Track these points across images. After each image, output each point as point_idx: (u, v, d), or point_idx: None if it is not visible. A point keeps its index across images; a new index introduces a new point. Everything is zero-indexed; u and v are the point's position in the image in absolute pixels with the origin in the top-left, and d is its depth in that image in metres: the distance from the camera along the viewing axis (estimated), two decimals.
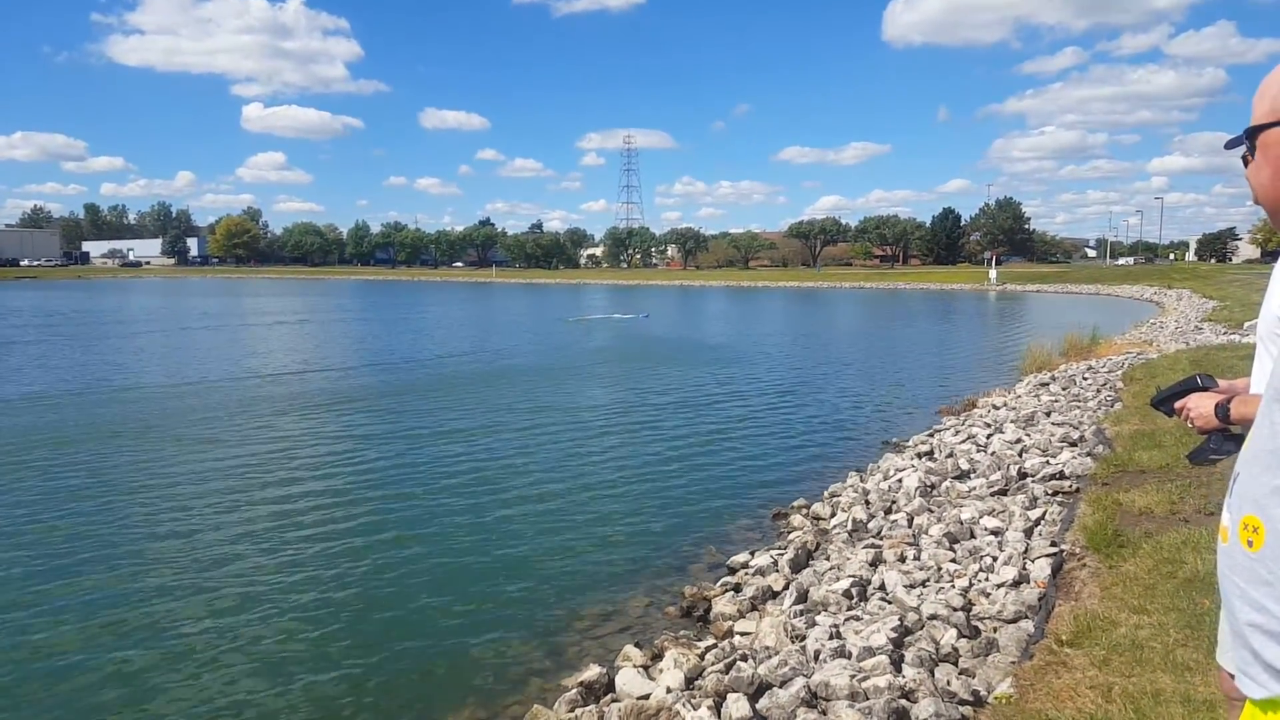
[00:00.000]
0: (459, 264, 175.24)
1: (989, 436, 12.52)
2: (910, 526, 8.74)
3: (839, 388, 21.71)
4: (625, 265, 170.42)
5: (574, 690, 5.99)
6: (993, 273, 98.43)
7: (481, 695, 6.41)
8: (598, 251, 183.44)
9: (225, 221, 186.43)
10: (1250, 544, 1.45)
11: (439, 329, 42.40)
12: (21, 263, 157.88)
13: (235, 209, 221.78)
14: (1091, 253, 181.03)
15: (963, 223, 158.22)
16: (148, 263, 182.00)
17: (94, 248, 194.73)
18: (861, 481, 11.23)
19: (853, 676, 5.25)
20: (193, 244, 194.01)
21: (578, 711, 5.69)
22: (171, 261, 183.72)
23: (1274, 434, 1.44)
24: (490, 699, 6.36)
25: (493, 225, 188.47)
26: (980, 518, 8.40)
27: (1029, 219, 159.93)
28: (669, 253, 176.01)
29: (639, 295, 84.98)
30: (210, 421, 16.36)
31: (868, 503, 10.01)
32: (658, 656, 6.51)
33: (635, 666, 6.24)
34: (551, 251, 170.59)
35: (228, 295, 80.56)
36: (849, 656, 5.67)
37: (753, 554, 8.73)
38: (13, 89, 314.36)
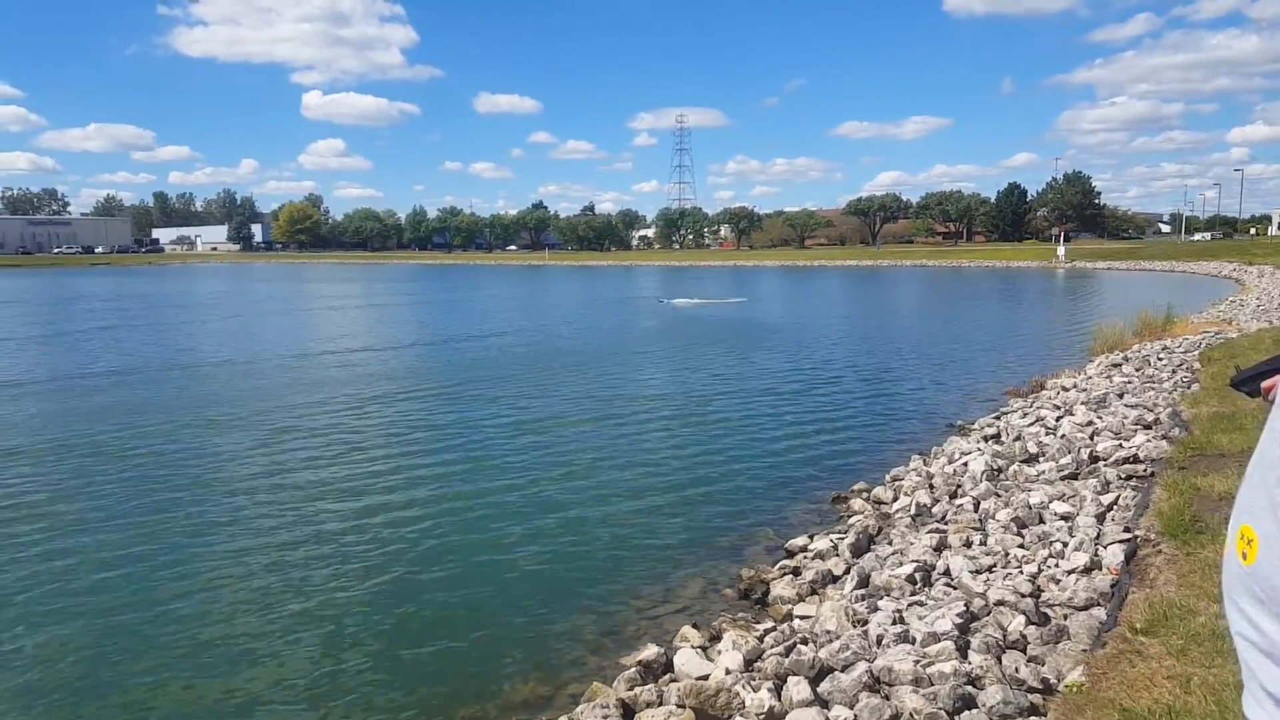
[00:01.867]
0: (512, 247, 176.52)
1: (1058, 419, 12.18)
2: (976, 511, 8.54)
3: (900, 369, 21.36)
4: (677, 246, 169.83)
5: (633, 669, 5.99)
6: (1061, 250, 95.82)
7: (542, 671, 6.46)
8: (650, 233, 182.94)
9: (288, 208, 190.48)
10: (1244, 556, 1.34)
11: (502, 311, 42.79)
12: (96, 250, 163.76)
13: (297, 195, 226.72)
14: (1165, 228, 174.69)
15: (1029, 198, 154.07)
16: (214, 248, 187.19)
17: (164, 234, 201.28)
18: (925, 465, 11.01)
19: (917, 662, 5.14)
20: (257, 230, 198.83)
21: (636, 690, 5.68)
22: (237, 247, 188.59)
23: (1274, 441, 1.32)
24: (550, 675, 6.41)
25: (545, 208, 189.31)
26: (1050, 502, 8.17)
27: (1099, 193, 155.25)
28: (722, 233, 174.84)
29: (691, 276, 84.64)
30: (286, 399, 16.75)
31: (931, 487, 9.81)
32: (716, 638, 6.48)
33: (693, 647, 6.22)
34: (603, 233, 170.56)
35: (294, 280, 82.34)
36: (913, 642, 5.55)
37: (812, 538, 8.64)
38: (85, 82, 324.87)
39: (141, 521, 9.65)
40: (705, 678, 5.67)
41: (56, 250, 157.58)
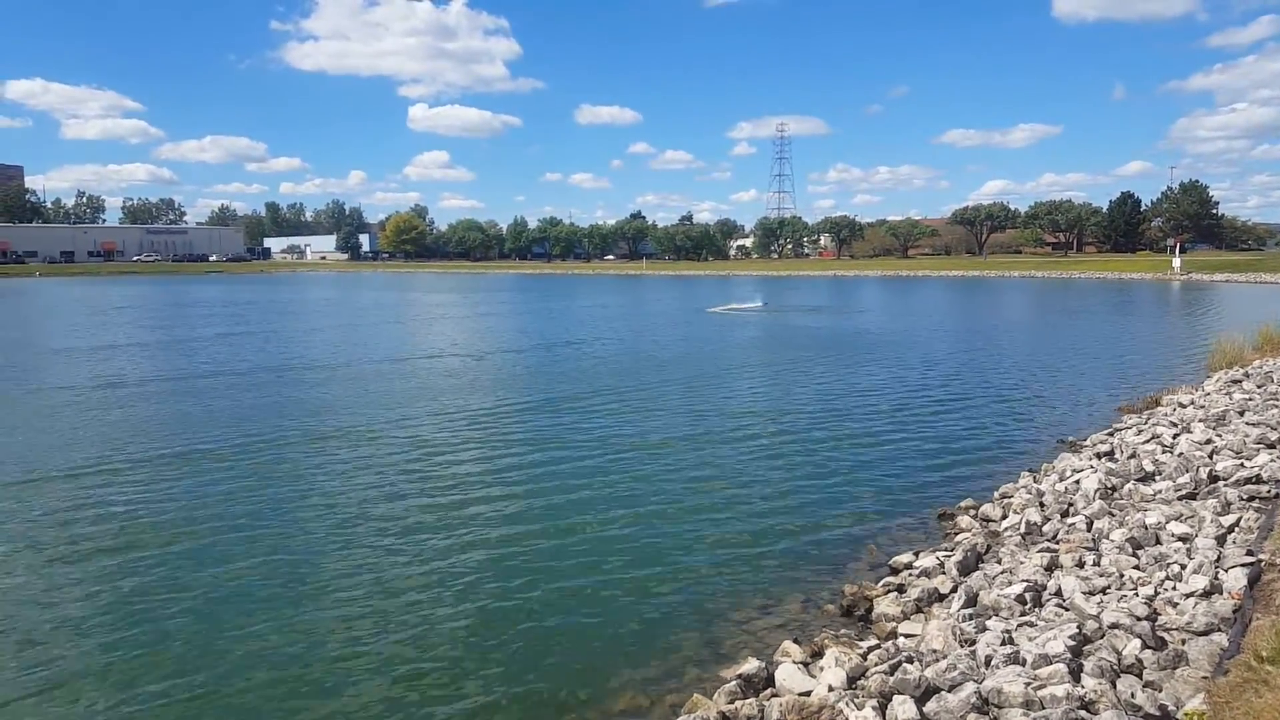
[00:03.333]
0: (610, 256, 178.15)
1: (1175, 436, 11.70)
2: (1089, 530, 8.30)
3: (1008, 383, 20.76)
4: (776, 255, 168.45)
5: (733, 682, 6.05)
6: (1176, 261, 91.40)
7: (641, 681, 6.57)
8: (748, 242, 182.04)
9: (394, 219, 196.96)
10: None
11: (600, 321, 43.28)
12: (210, 258, 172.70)
13: (403, 206, 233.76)
14: None
15: (1143, 208, 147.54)
16: (323, 257, 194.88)
17: (274, 243, 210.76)
18: (1035, 482, 10.74)
19: (1027, 684, 5.07)
20: (364, 240, 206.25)
21: (737, 704, 5.74)
22: (345, 256, 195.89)
23: None
24: (649, 685, 6.51)
25: (643, 218, 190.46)
26: (1167, 523, 7.89)
27: (1217, 203, 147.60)
28: (821, 242, 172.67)
29: (789, 286, 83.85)
30: (397, 401, 17.38)
31: (1042, 504, 9.56)
32: (817, 654, 6.48)
33: (795, 662, 6.24)
34: (701, 243, 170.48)
35: (400, 289, 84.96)
36: (1023, 664, 5.47)
37: (917, 554, 8.54)
38: (202, 96, 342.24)
39: (246, 522, 10.20)
40: (808, 694, 5.70)
41: (137, 258, 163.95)
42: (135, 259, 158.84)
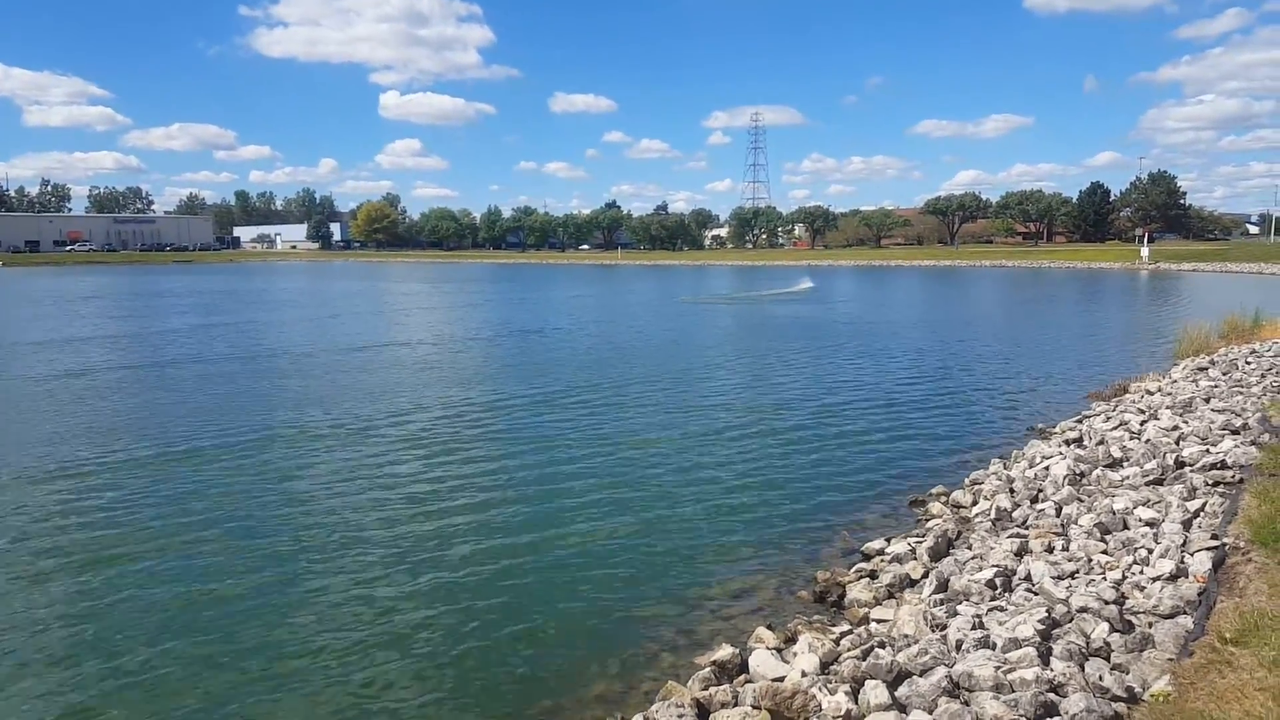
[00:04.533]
0: (585, 246, 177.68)
1: (1143, 423, 11.86)
2: (1058, 516, 8.40)
3: (979, 371, 20.98)
4: (750, 245, 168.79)
5: (707, 669, 6.08)
6: (1145, 251, 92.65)
7: (616, 668, 6.58)
8: (723, 232, 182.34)
9: (366, 207, 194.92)
10: None
11: (576, 312, 43.17)
12: (178, 247, 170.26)
13: (375, 195, 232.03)
14: (1254, 229, 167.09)
15: (1112, 198, 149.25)
16: (294, 246, 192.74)
17: (244, 232, 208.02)
18: (1005, 469, 10.85)
19: (997, 668, 5.12)
20: (335, 229, 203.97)
21: (711, 690, 5.76)
22: (316, 245, 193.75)
23: None
24: (624, 672, 6.53)
25: (618, 208, 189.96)
26: (1134, 508, 8.00)
27: (1184, 194, 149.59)
28: (796, 232, 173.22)
29: (763, 275, 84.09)
30: (374, 394, 17.25)
31: (1012, 491, 9.67)
32: (791, 639, 6.52)
33: (768, 648, 6.27)
34: (676, 233, 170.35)
35: (372, 279, 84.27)
36: (993, 648, 5.53)
37: (889, 541, 8.60)
38: (170, 83, 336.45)
39: (222, 516, 10.09)
40: (781, 679, 5.73)
41: (70, 248, 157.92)
42: (69, 249, 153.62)
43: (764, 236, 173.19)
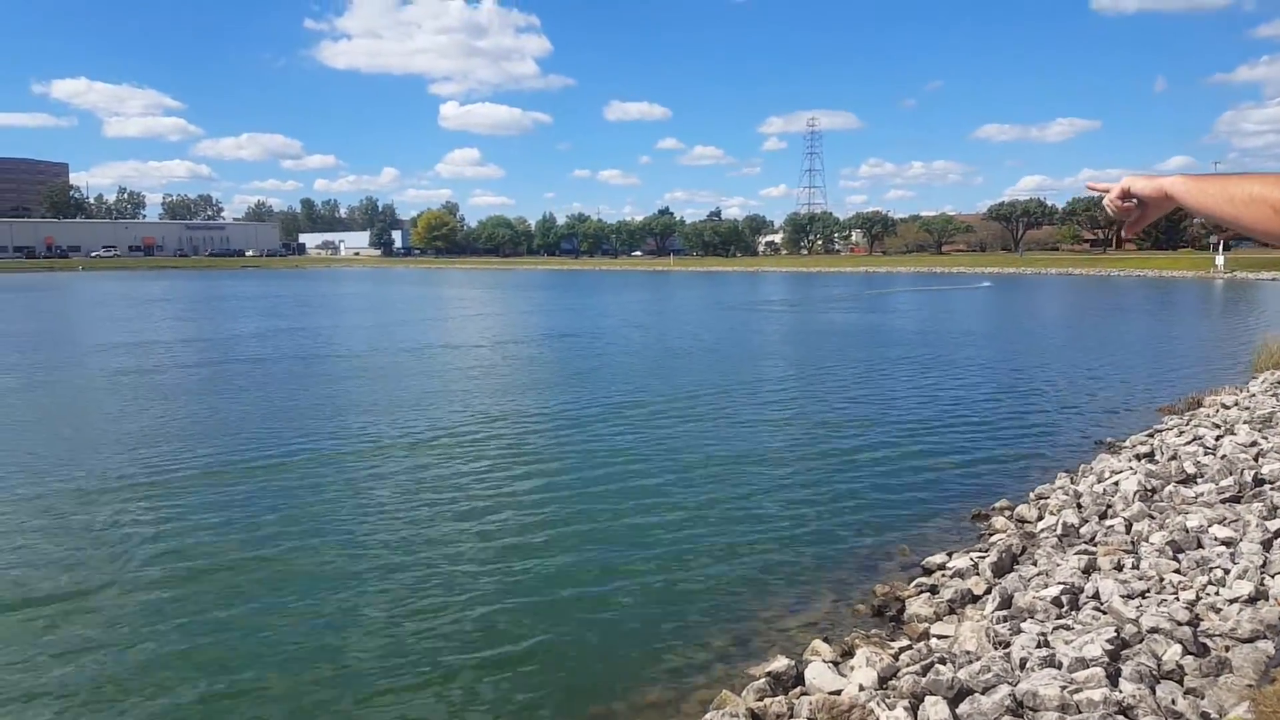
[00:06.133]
0: (637, 253, 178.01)
1: (1218, 438, 11.44)
2: (1128, 533, 8.13)
3: (1045, 382, 20.43)
4: (806, 251, 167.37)
5: (762, 680, 6.00)
6: (1220, 259, 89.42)
7: (670, 676, 6.54)
8: (777, 238, 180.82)
9: (426, 215, 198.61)
10: None
11: (632, 317, 43.31)
12: (246, 253, 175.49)
13: (434, 203, 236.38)
14: None
15: None
16: (356, 253, 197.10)
17: (309, 239, 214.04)
18: (1072, 483, 10.55)
19: (1063, 688, 4.96)
20: (396, 236, 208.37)
21: (766, 701, 5.69)
22: (378, 252, 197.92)
23: None
24: (678, 680, 6.48)
25: (671, 214, 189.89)
26: (1209, 526, 7.71)
27: None
28: (853, 238, 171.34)
29: (819, 282, 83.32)
30: (436, 400, 17.52)
31: (1079, 506, 9.39)
32: (848, 653, 6.41)
33: (825, 661, 6.17)
34: (729, 239, 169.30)
35: (432, 284, 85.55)
36: (1059, 667, 5.36)
37: (950, 555, 8.42)
38: (239, 94, 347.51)
39: (281, 518, 10.30)
40: (838, 693, 5.63)
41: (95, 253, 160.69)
42: (93, 255, 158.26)
43: (819, 242, 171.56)
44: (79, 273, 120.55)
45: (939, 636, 6.58)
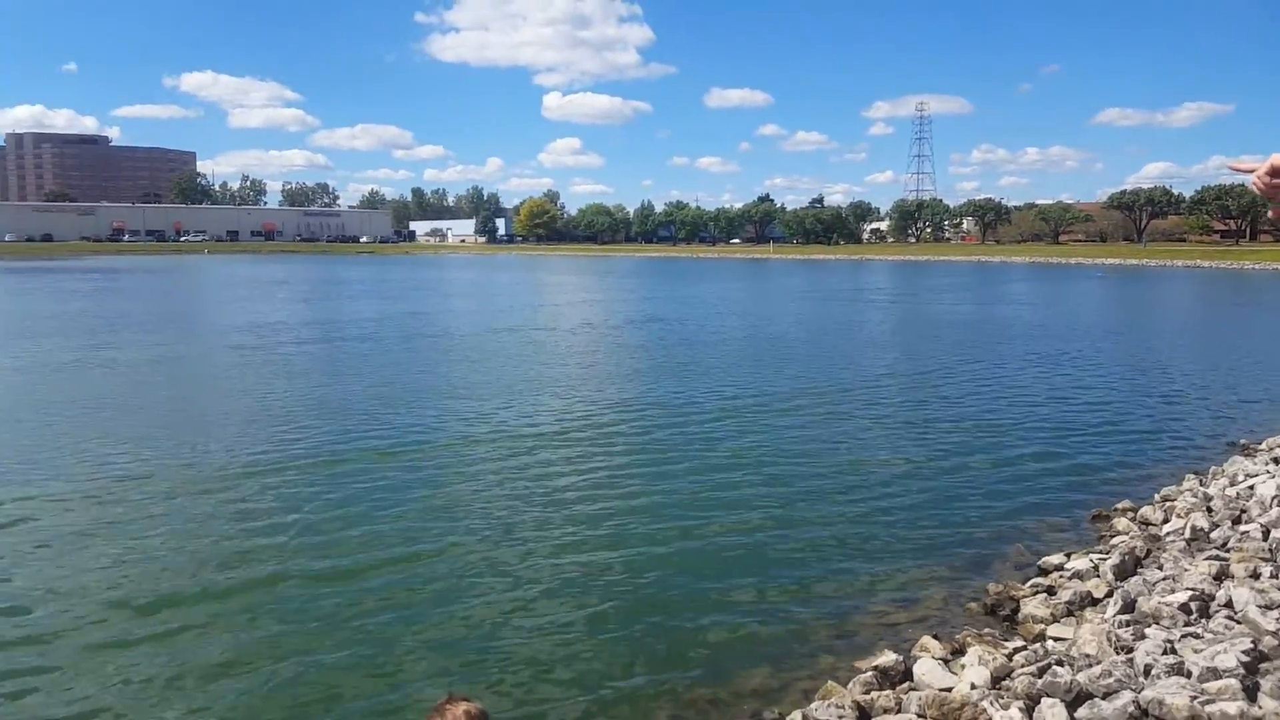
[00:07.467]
0: (736, 240, 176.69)
1: None
2: (1265, 540, 7.68)
3: (1171, 379, 19.43)
4: (913, 239, 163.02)
5: (869, 673, 5.93)
6: None
7: (775, 664, 6.52)
8: (883, 225, 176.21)
9: (528, 203, 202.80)
10: None
11: (733, 307, 43.13)
12: (361, 239, 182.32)
13: (536, 192, 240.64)
14: None
15: None
16: (463, 240, 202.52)
17: (419, 226, 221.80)
18: (1201, 485, 10.04)
19: (1193, 698, 4.74)
20: (500, 224, 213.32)
21: (873, 694, 5.63)
22: (483, 240, 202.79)
23: None
24: (783, 669, 6.46)
25: (771, 201, 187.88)
26: None
27: None
28: (964, 226, 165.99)
29: (929, 272, 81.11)
30: (536, 384, 17.90)
31: (1210, 510, 8.92)
32: (958, 651, 6.27)
33: (934, 658, 6.06)
34: (832, 226, 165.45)
35: (534, 270, 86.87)
36: (1188, 675, 5.12)
37: (1069, 556, 8.13)
38: (354, 87, 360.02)
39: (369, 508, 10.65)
40: (948, 690, 5.52)
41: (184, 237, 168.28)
42: (184, 238, 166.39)
43: (928, 230, 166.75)
44: (205, 255, 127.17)
45: (1056, 638, 6.37)
